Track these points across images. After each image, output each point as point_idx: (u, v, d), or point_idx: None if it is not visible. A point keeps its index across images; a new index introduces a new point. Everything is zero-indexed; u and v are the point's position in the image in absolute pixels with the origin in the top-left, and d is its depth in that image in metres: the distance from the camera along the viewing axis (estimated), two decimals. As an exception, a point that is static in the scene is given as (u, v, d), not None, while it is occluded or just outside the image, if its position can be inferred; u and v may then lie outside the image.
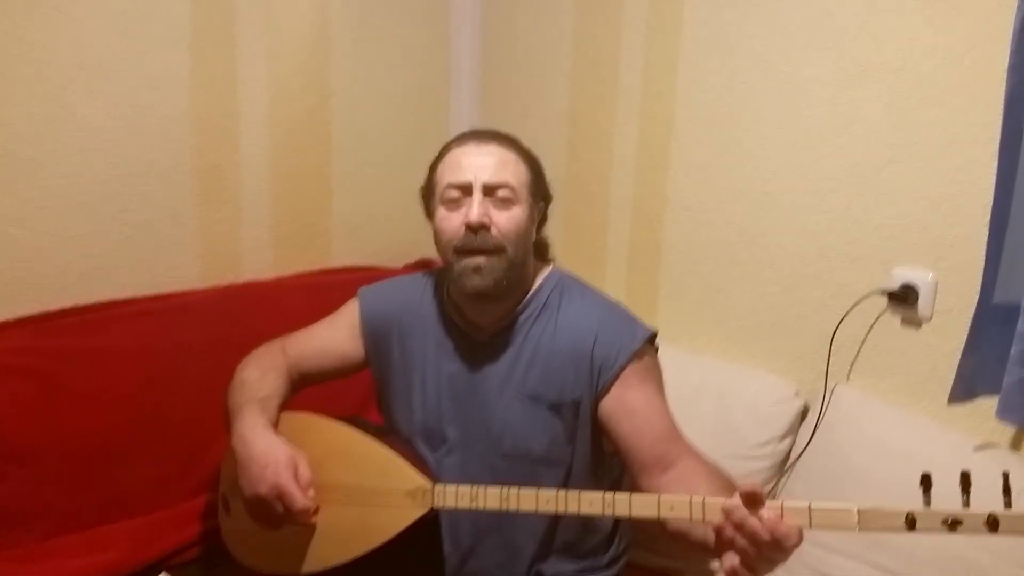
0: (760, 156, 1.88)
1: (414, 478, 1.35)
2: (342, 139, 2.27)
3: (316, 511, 1.38)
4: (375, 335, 1.59)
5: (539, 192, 1.48)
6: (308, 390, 1.62)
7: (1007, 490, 0.99)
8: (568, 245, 2.30)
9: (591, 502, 1.17)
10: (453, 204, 1.41)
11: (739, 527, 1.05)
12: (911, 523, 1.00)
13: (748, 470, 1.77)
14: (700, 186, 2.01)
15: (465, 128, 1.53)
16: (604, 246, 2.24)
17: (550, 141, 2.27)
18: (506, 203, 1.40)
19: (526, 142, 1.48)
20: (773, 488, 1.77)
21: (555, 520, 1.49)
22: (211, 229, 2.04)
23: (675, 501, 1.12)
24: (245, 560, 1.50)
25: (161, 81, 1.90)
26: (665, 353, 1.51)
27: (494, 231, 1.39)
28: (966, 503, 0.99)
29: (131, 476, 1.77)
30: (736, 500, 1.06)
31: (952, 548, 1.41)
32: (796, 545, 1.03)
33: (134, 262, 1.93)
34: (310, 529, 1.39)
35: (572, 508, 1.18)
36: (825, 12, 1.74)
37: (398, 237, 2.39)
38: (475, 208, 1.38)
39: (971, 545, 1.39)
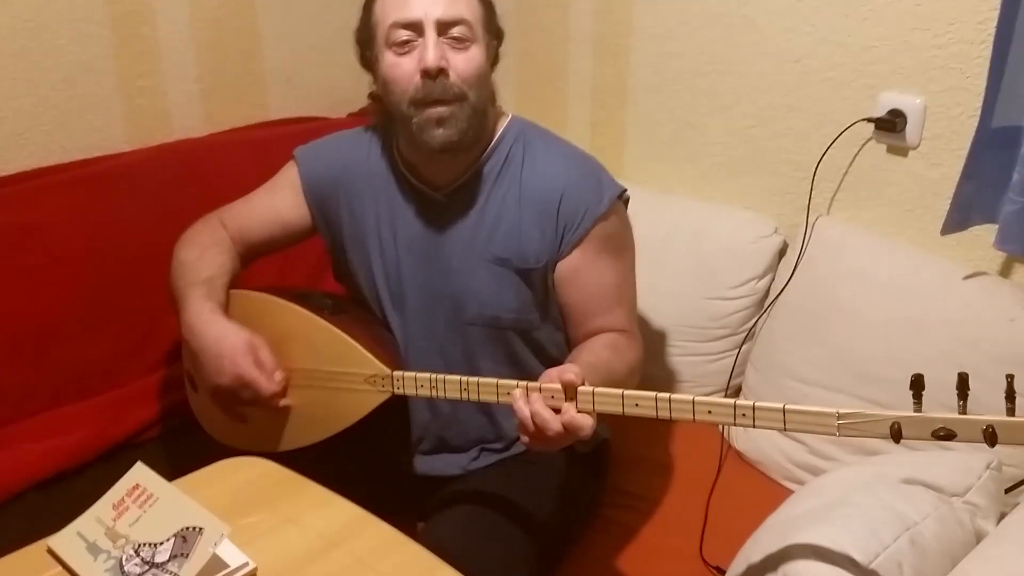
0: (736, -25, 1.75)
1: (373, 364, 1.29)
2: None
3: (285, 394, 1.32)
4: (320, 199, 1.47)
5: (493, 28, 1.33)
6: (260, 260, 1.52)
7: (1011, 395, 0.86)
8: (523, 87, 2.17)
9: (552, 396, 1.09)
10: (402, 47, 1.27)
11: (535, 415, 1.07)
12: (896, 433, 0.89)
13: (727, 311, 1.75)
14: (669, 12, 1.87)
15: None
16: (564, 86, 2.11)
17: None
18: (463, 43, 1.26)
19: None
20: (753, 327, 1.75)
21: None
22: (133, 84, 1.86)
23: (640, 398, 1.05)
24: (217, 435, 1.44)
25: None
26: (635, 196, 1.44)
27: (453, 76, 1.26)
28: (962, 410, 0.87)
29: (82, 355, 1.69)
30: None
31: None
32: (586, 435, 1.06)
33: (54, 125, 1.76)
34: (276, 413, 1.34)
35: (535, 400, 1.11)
36: None
37: (339, 83, 2.21)
38: (431, 50, 1.24)
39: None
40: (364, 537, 1.07)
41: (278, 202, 1.49)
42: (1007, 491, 1.31)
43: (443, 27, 1.25)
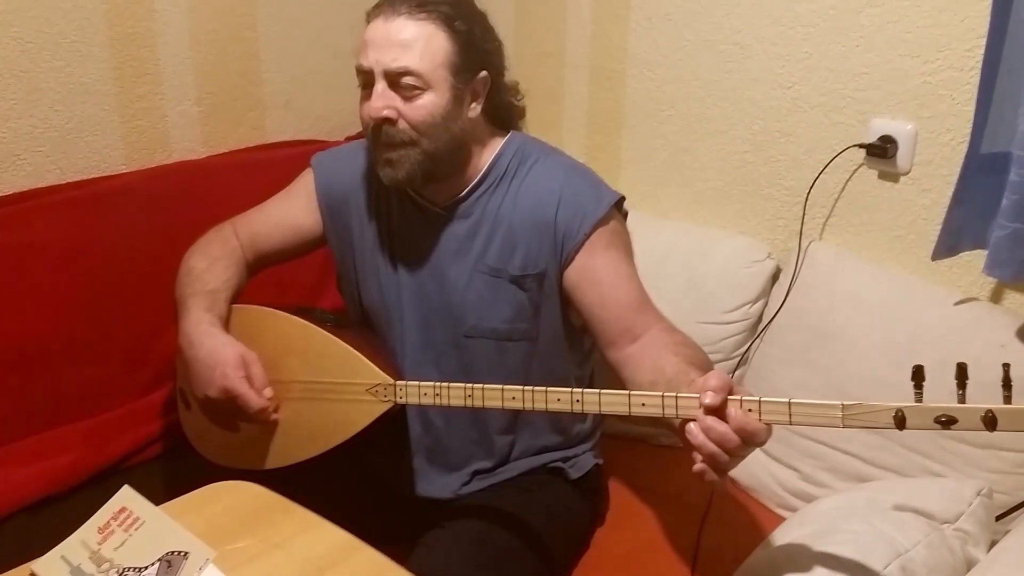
0: (730, 2, 1.76)
1: (375, 373, 1.29)
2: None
3: (276, 410, 1.32)
4: (332, 207, 1.49)
5: (470, 65, 1.32)
6: (259, 276, 1.53)
7: (1007, 383, 0.89)
8: (520, 110, 2.18)
9: (559, 398, 1.13)
10: (364, 89, 1.31)
11: (707, 431, 1.00)
12: (900, 421, 0.92)
13: (721, 335, 1.74)
14: (664, 39, 1.89)
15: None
16: (560, 111, 2.12)
17: (496, -5, 2.11)
18: (413, 91, 1.28)
19: None
20: (746, 352, 1.74)
21: None
22: (132, 106, 1.87)
23: (647, 398, 1.07)
24: (210, 455, 1.44)
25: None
26: (630, 219, 1.45)
27: (402, 124, 1.29)
28: (962, 399, 0.90)
29: (75, 376, 1.68)
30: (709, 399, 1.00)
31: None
32: (764, 441, 1.00)
33: (51, 146, 1.76)
34: (272, 426, 1.33)
35: (539, 405, 1.14)
36: None
37: (337, 107, 2.23)
38: (375, 101, 1.28)
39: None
40: (352, 563, 1.05)
41: (292, 208, 1.51)
42: (997, 519, 1.31)
43: (392, 77, 1.28)
